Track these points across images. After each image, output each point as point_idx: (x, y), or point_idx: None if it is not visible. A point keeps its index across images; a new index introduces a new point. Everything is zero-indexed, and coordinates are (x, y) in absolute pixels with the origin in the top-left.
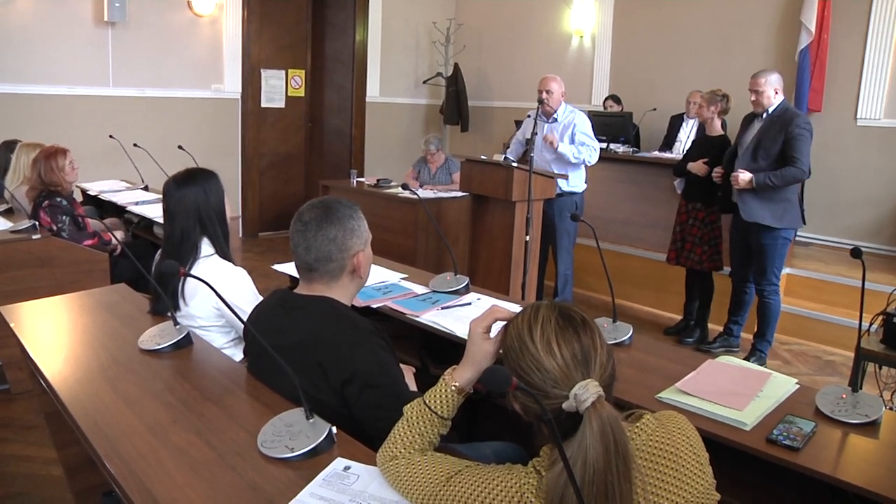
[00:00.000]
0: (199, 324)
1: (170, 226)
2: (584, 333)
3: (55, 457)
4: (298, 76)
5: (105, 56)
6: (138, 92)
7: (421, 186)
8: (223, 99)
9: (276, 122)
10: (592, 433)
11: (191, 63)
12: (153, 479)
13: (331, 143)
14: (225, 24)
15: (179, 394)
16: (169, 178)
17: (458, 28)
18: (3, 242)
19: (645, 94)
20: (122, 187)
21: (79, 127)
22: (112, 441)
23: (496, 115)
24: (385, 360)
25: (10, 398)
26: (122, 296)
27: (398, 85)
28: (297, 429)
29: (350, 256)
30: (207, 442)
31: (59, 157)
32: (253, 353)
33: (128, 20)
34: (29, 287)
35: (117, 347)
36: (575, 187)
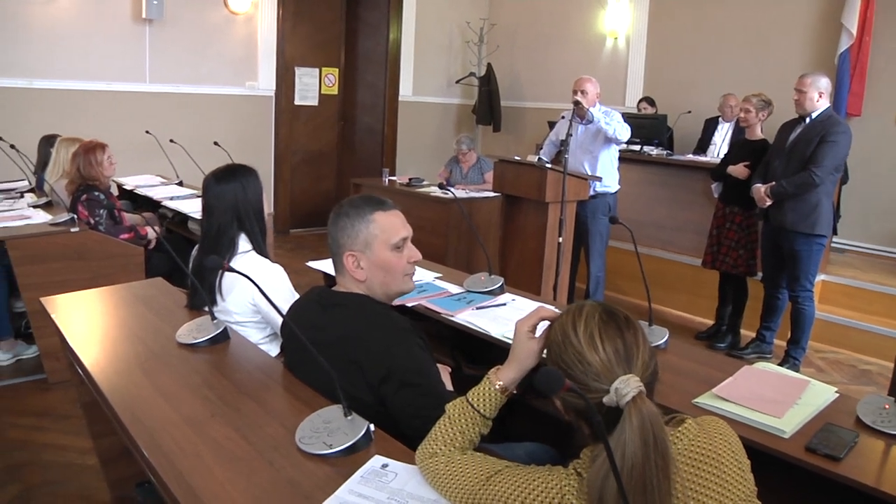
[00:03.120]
0: (236, 319)
1: (208, 221)
2: (627, 330)
3: (90, 446)
4: (332, 74)
5: (142, 53)
6: (174, 88)
7: (453, 186)
8: (257, 96)
9: (309, 120)
10: (632, 428)
11: (226, 60)
12: (192, 472)
13: (363, 142)
14: (260, 22)
15: (217, 388)
16: (209, 173)
17: (492, 28)
18: (42, 235)
19: (679, 97)
20: (157, 182)
21: (116, 122)
22: (151, 433)
23: (528, 116)
24: (422, 358)
25: (47, 387)
26: (158, 290)
27: (431, 84)
28: (335, 426)
29: (342, 253)
30: (245, 437)
31: (98, 151)
32: (290, 349)
33: (165, 17)
34: (66, 279)
35: (155, 340)
36: (608, 188)
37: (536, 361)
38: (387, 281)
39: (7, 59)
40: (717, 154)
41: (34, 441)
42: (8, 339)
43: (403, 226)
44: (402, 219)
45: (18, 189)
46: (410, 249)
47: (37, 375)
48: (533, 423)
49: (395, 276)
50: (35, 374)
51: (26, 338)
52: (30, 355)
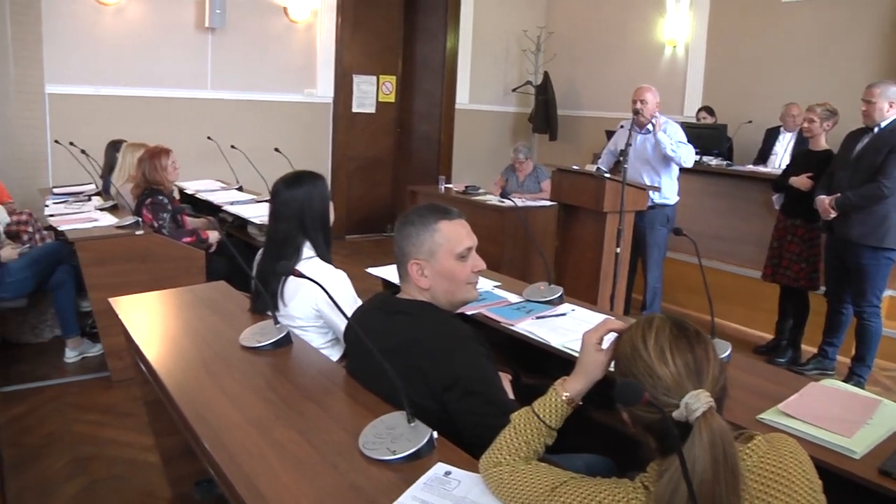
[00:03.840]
0: (298, 324)
1: (274, 226)
2: (697, 345)
3: (152, 444)
4: (389, 82)
5: (204, 60)
6: (235, 95)
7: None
8: (315, 103)
9: (366, 127)
10: (701, 443)
11: (285, 68)
12: (257, 473)
13: (419, 149)
14: (319, 30)
15: (280, 391)
16: (279, 179)
17: (549, 36)
18: (109, 237)
19: (739, 106)
20: (217, 187)
21: (178, 128)
22: (217, 433)
23: (585, 125)
24: (486, 367)
25: (110, 385)
26: (221, 293)
27: (487, 92)
28: (399, 432)
29: (407, 261)
30: (309, 440)
31: (163, 156)
32: (353, 354)
33: (227, 26)
34: (130, 280)
35: (218, 343)
36: (667, 199)
37: (604, 373)
38: (450, 290)
39: (77, 67)
40: (778, 165)
41: (99, 436)
42: (75, 338)
43: (468, 235)
44: (468, 228)
45: (86, 192)
46: (475, 259)
47: (101, 373)
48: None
49: (459, 285)
50: (99, 372)
51: (91, 336)
52: (94, 353)
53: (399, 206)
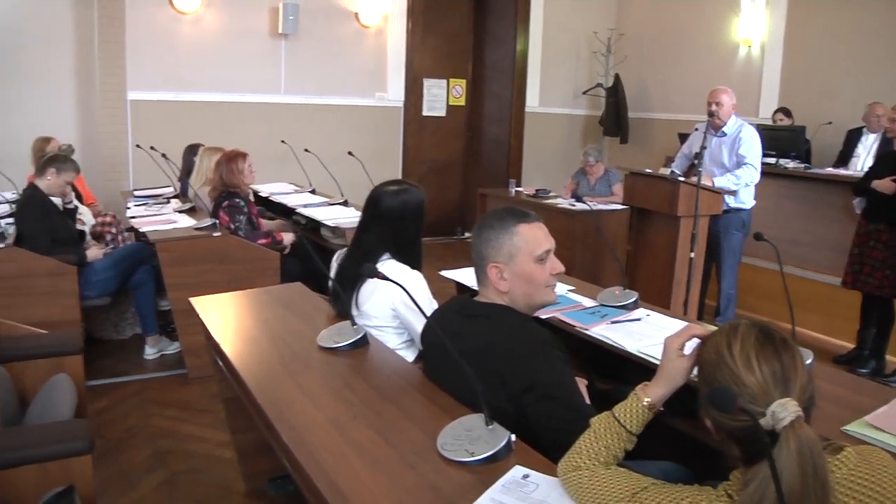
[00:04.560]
0: (375, 324)
1: (363, 231)
2: (784, 352)
3: (228, 440)
4: (459, 85)
5: (278, 66)
6: (307, 99)
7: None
8: (386, 107)
9: (437, 130)
10: (789, 454)
11: (357, 72)
12: (337, 472)
13: (489, 152)
14: (390, 35)
15: (358, 391)
16: (378, 185)
17: (620, 38)
18: (188, 239)
19: (818, 107)
20: (291, 190)
21: (253, 132)
22: (298, 432)
23: (657, 127)
24: (564, 371)
25: (187, 382)
26: (298, 294)
27: (557, 95)
28: (477, 434)
29: (485, 265)
30: (387, 440)
31: (240, 160)
32: (429, 356)
33: (300, 32)
34: (207, 280)
35: (297, 343)
36: (743, 203)
37: (685, 380)
38: (530, 292)
39: (157, 74)
40: (860, 167)
41: (177, 431)
42: (154, 335)
43: (546, 238)
44: (546, 231)
45: (165, 195)
46: (553, 261)
47: (178, 370)
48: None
49: (538, 287)
50: (176, 369)
51: (169, 334)
52: (172, 351)
53: (469, 210)
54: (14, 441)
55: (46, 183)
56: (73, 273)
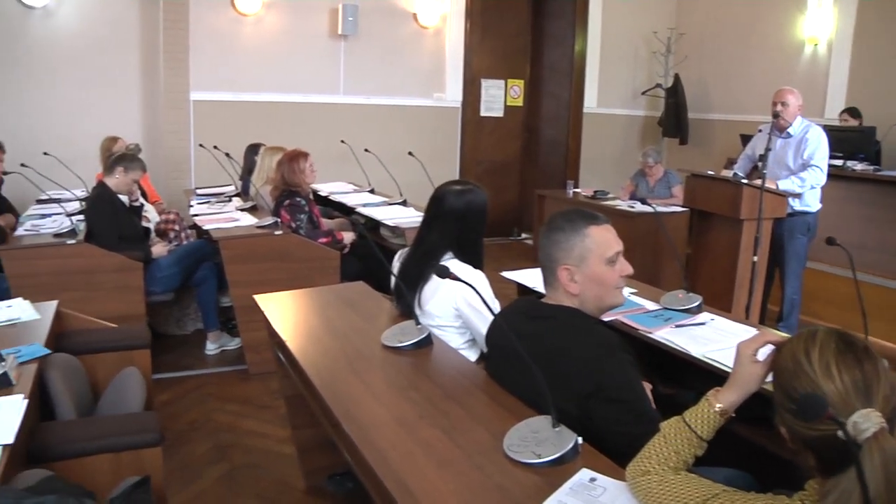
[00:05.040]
0: (437, 323)
1: (426, 230)
2: (866, 361)
3: (287, 436)
4: (517, 86)
5: (337, 66)
6: (366, 100)
7: (638, 200)
8: (444, 107)
9: (494, 131)
10: (873, 466)
11: (415, 73)
12: (405, 471)
13: (546, 153)
14: (448, 36)
15: (423, 391)
16: (441, 185)
17: (680, 38)
18: (250, 237)
19: (889, 107)
20: (350, 189)
21: (312, 132)
22: (364, 430)
23: (717, 128)
24: (632, 375)
25: (247, 378)
26: (361, 293)
27: (616, 96)
28: (543, 436)
29: (555, 267)
30: (453, 440)
31: (301, 160)
32: (494, 356)
33: (359, 33)
34: (269, 278)
35: (361, 341)
36: (808, 207)
37: (759, 386)
38: (600, 294)
39: (219, 75)
40: None
41: (238, 426)
42: (215, 331)
43: (616, 240)
44: (614, 233)
45: (227, 193)
46: (622, 263)
47: (238, 366)
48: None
49: (608, 289)
50: (237, 365)
51: (230, 330)
52: (233, 347)
53: (526, 211)
54: (92, 431)
55: (115, 181)
56: (140, 269)
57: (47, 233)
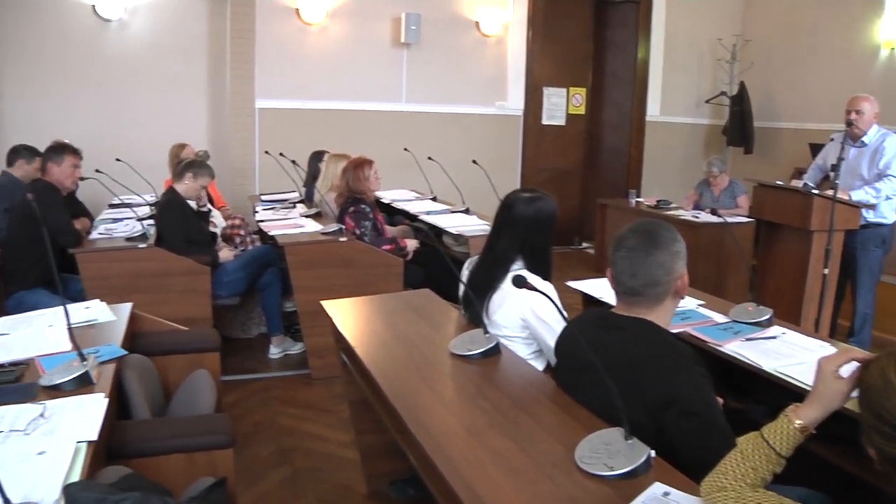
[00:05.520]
0: (504, 333)
1: (496, 238)
2: None
3: (349, 440)
4: (579, 94)
5: (400, 75)
6: (428, 108)
7: (702, 210)
8: (506, 115)
9: (556, 139)
10: None
11: (477, 81)
12: (476, 479)
13: (608, 162)
14: (510, 44)
15: (492, 400)
16: (511, 193)
17: (746, 44)
18: (315, 243)
19: None
20: (412, 197)
21: (375, 139)
22: (434, 438)
23: (784, 137)
24: (706, 389)
25: (310, 382)
26: (427, 300)
27: (679, 104)
28: (615, 448)
29: (675, 279)
30: (524, 450)
31: (366, 167)
32: (564, 366)
33: (421, 41)
34: (332, 284)
35: (428, 349)
36: (884, 218)
37: (842, 404)
38: (676, 306)
39: (284, 83)
40: None
41: (301, 430)
42: (279, 335)
43: None
44: None
45: (291, 200)
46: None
47: (301, 370)
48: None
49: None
50: (299, 369)
51: (293, 335)
52: (296, 351)
53: (587, 219)
54: (166, 430)
55: (184, 187)
56: (207, 273)
57: (119, 236)
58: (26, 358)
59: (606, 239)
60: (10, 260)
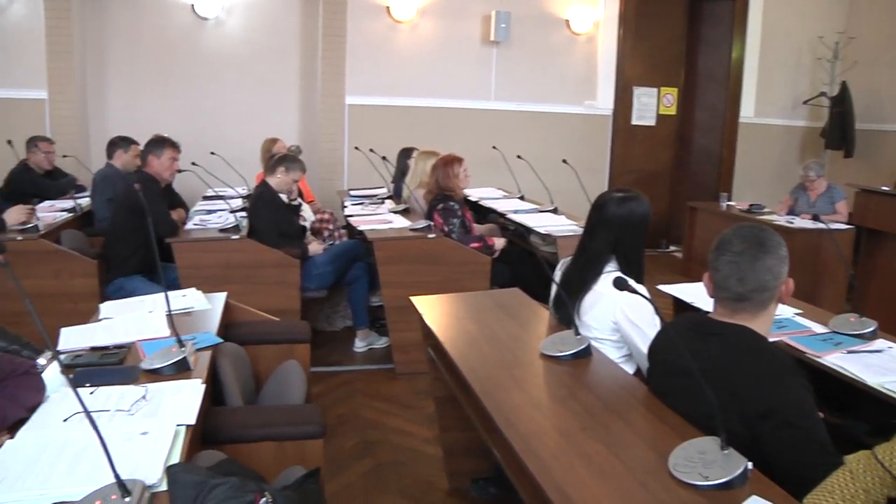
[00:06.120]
0: (594, 335)
1: (589, 238)
2: None
3: (432, 436)
4: (671, 94)
5: (489, 73)
6: (517, 106)
7: (797, 215)
8: (595, 115)
9: (645, 140)
10: None
11: (566, 80)
12: (567, 482)
13: (698, 164)
14: (600, 42)
15: (584, 402)
16: (604, 193)
17: (849, 42)
18: (403, 239)
19: None
20: (500, 195)
21: (462, 137)
22: (525, 438)
23: (890, 140)
24: (807, 400)
25: (393, 377)
26: (517, 299)
27: (774, 105)
28: (711, 458)
29: (781, 284)
30: (616, 455)
31: (456, 164)
32: (657, 371)
33: (511, 39)
34: (420, 280)
35: (518, 348)
36: None
37: None
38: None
39: (373, 80)
40: None
41: (384, 423)
42: (364, 329)
43: None
44: None
45: (379, 195)
46: None
47: (385, 364)
48: None
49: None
50: (384, 364)
51: (378, 329)
52: (380, 346)
53: (675, 222)
54: (259, 418)
55: (276, 180)
56: (297, 266)
57: (213, 228)
58: (128, 342)
59: (695, 243)
60: (112, 248)
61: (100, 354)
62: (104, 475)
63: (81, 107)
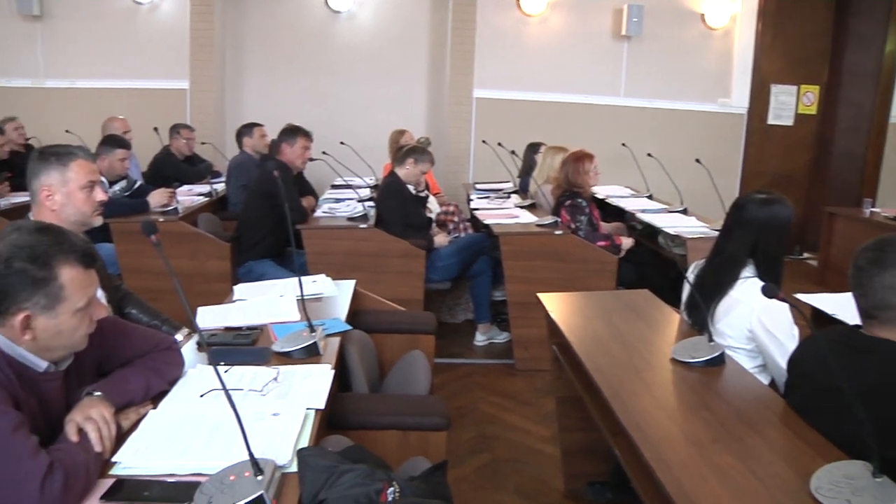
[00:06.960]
0: (728, 343)
1: (725, 239)
2: None
3: (549, 435)
4: (812, 92)
5: (619, 68)
6: (647, 103)
7: None
8: (728, 114)
9: (782, 141)
10: None
11: (700, 76)
12: (699, 494)
13: (838, 167)
14: (737, 37)
15: (717, 413)
16: (744, 195)
17: None
18: (530, 234)
19: None
20: (627, 194)
21: (590, 133)
22: (654, 445)
23: None
24: None
25: (513, 373)
26: (646, 301)
27: None
28: (860, 484)
29: None
30: (751, 470)
31: (586, 161)
32: (800, 385)
33: (643, 34)
34: (544, 277)
35: (648, 352)
36: None
37: None
38: None
39: (502, 73)
40: None
41: (502, 419)
42: (485, 323)
43: None
44: None
45: (505, 190)
46: None
47: (505, 360)
48: None
49: None
50: (503, 359)
51: (499, 324)
52: (501, 341)
53: (811, 229)
54: (385, 407)
55: (405, 171)
56: (422, 256)
57: (342, 216)
58: (260, 324)
59: (832, 250)
60: (244, 232)
61: (233, 335)
62: (238, 451)
63: (219, 97)
